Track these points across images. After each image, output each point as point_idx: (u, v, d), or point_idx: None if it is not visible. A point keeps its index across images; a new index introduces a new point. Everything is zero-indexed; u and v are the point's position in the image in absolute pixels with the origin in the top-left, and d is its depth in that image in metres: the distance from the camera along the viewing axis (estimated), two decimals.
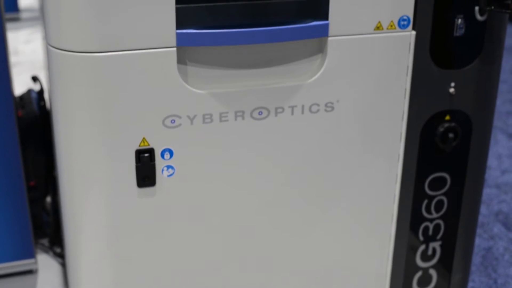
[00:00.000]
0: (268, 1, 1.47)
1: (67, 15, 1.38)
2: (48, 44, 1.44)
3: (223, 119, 1.51)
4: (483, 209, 2.79)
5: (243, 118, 1.53)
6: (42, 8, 1.56)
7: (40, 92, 2.31)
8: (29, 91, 2.34)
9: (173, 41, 1.42)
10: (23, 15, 5.14)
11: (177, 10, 1.40)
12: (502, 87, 4.15)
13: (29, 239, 2.17)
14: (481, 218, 2.71)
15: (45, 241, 2.34)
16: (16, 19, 5.03)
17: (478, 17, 1.63)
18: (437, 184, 1.76)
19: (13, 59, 3.89)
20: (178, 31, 1.42)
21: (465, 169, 1.78)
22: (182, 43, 1.43)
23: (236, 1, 1.45)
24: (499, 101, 3.92)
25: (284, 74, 1.55)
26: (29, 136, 2.20)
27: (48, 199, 2.40)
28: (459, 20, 1.61)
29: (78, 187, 1.53)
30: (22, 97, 2.30)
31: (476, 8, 1.62)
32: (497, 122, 3.67)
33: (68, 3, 1.36)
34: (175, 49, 1.43)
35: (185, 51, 1.46)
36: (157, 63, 1.43)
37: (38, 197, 2.28)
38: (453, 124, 1.70)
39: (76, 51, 1.40)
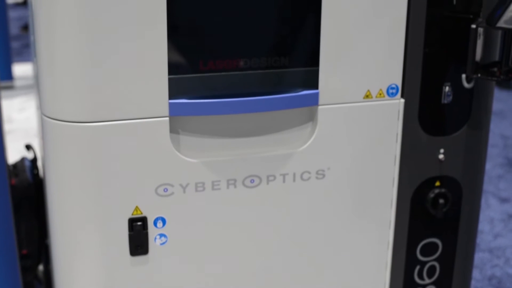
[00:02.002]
0: (259, 71, 1.50)
1: (61, 86, 1.40)
2: (43, 114, 1.46)
3: (215, 187, 1.53)
4: (476, 274, 2.78)
5: (235, 186, 1.54)
6: (36, 78, 1.58)
7: (34, 160, 2.32)
8: (23, 159, 2.35)
9: (165, 111, 1.44)
10: (17, 83, 5.18)
11: (169, 80, 1.43)
12: (492, 151, 4.18)
13: None
14: (474, 283, 2.71)
15: None
16: (10, 87, 5.06)
17: (465, 84, 1.66)
18: (429, 249, 1.77)
19: (7, 127, 3.91)
20: (171, 101, 1.44)
21: (456, 234, 1.78)
22: (174, 112, 1.45)
23: (227, 71, 1.48)
24: (490, 165, 3.94)
25: (275, 142, 1.57)
26: (22, 204, 2.20)
27: (41, 267, 2.39)
28: (447, 88, 1.64)
29: (71, 255, 1.53)
30: (15, 165, 2.31)
31: (463, 76, 1.65)
32: (489, 186, 3.69)
33: (62, 75, 1.39)
34: (167, 118, 1.45)
35: (178, 121, 1.48)
36: (150, 132, 1.44)
37: (31, 266, 2.26)
38: (443, 190, 1.71)
39: (70, 121, 1.41)
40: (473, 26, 1.60)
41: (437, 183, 1.71)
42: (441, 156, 1.69)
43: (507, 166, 4.00)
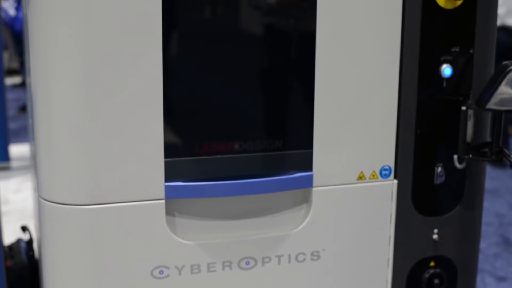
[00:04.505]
0: (253, 154, 1.52)
1: (58, 170, 1.42)
2: (40, 197, 1.47)
3: (211, 269, 1.53)
4: None
5: (230, 268, 1.54)
6: (34, 160, 1.60)
7: (29, 242, 2.32)
8: (18, 241, 2.35)
9: (161, 193, 1.45)
10: (14, 164, 5.18)
11: (165, 163, 1.45)
12: (487, 230, 4.17)
13: None
14: None
15: None
16: (6, 168, 5.07)
17: (457, 165, 1.68)
18: None
19: (3, 208, 3.90)
20: (167, 184, 1.45)
21: None
22: (170, 195, 1.46)
23: (222, 154, 1.50)
24: (485, 244, 3.94)
25: (270, 224, 1.57)
26: (17, 286, 2.19)
27: None
28: (439, 169, 1.66)
29: None
30: (11, 247, 2.31)
31: (455, 156, 1.67)
32: (485, 265, 3.68)
33: (60, 159, 1.41)
34: (163, 201, 1.46)
35: (173, 203, 1.49)
36: (146, 215, 1.45)
37: None
38: (438, 270, 1.71)
39: (67, 204, 1.43)
40: (463, 108, 1.63)
41: (432, 263, 1.71)
42: (435, 236, 1.69)
43: (503, 244, 4.00)
